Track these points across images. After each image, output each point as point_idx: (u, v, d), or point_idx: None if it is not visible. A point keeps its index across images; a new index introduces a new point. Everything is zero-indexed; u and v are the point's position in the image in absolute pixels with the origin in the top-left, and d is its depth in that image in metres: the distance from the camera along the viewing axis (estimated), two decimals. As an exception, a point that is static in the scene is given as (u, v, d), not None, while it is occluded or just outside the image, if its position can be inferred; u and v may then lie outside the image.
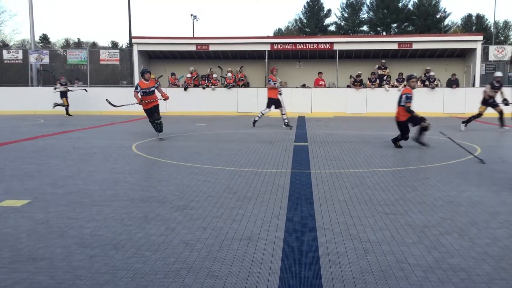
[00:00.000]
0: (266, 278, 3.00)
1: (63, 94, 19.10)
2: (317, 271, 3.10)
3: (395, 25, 61.39)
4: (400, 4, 60.72)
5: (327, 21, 65.60)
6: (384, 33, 59.30)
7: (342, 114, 18.80)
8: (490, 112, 12.27)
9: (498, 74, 12.66)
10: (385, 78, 20.28)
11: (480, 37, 20.23)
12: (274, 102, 13.84)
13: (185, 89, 20.20)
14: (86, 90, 19.98)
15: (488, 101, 12.54)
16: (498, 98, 12.50)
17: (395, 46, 20.45)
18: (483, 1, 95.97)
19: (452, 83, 19.42)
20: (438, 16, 60.07)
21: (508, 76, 23.47)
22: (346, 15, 64.14)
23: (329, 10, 65.20)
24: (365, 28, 63.38)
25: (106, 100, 11.43)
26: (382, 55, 21.12)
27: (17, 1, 76.83)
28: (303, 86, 21.16)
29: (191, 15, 50.28)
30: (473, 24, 61.97)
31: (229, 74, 20.37)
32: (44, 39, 58.34)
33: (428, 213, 4.49)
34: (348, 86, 20.28)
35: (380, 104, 19.27)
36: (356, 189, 5.57)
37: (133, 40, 21.74)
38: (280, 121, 14.07)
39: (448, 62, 21.38)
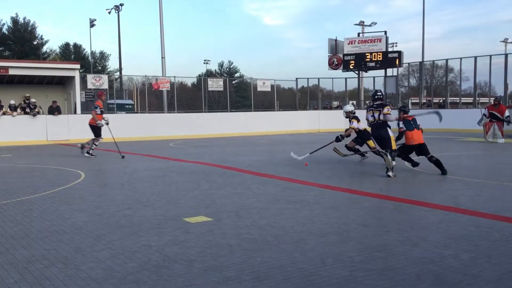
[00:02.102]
0: None
1: None
2: None
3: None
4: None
5: None
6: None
7: None
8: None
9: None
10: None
11: (78, 66, 21.03)
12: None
13: None
14: None
15: None
16: None
17: (-11, 71, 18.87)
18: (80, 32, 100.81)
19: (54, 110, 19.36)
20: (35, 43, 59.06)
21: (108, 103, 24.81)
22: None
23: None
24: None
25: None
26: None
27: None
28: None
29: None
30: (72, 53, 63.74)
31: None
32: None
33: (32, 247, 4.24)
34: None
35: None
36: None
37: None
38: None
39: (48, 89, 21.28)
